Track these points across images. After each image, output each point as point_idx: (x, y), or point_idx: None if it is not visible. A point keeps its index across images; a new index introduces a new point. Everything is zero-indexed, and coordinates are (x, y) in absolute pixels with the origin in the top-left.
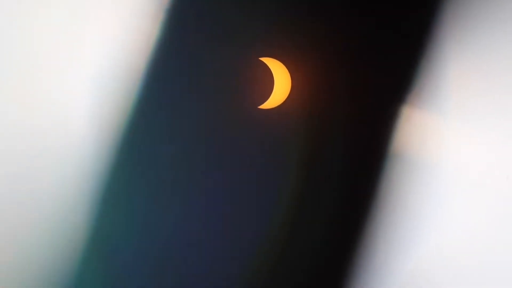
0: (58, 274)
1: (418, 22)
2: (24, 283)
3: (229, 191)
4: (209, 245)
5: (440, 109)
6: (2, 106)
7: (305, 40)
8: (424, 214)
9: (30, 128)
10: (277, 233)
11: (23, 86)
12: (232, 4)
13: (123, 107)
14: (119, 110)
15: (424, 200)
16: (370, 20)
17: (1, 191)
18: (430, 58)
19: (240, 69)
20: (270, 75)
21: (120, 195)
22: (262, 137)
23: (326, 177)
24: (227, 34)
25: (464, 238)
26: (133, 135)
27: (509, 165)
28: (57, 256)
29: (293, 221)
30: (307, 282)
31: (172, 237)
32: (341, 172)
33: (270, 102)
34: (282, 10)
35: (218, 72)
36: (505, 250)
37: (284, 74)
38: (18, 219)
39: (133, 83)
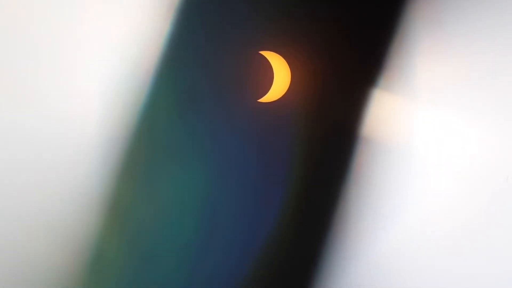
0: (66, 274)
1: (390, 7)
2: (30, 282)
3: (229, 184)
4: (210, 241)
5: (410, 92)
6: (12, 107)
7: (304, 34)
8: (394, 199)
9: (39, 128)
10: (277, 226)
11: (33, 86)
12: None
13: (133, 106)
14: (128, 109)
15: (394, 184)
16: (365, 16)
17: (12, 190)
18: (401, 40)
19: (240, 62)
20: (270, 68)
21: (128, 194)
22: (262, 130)
23: (324, 170)
24: (228, 28)
25: (432, 226)
26: (141, 134)
27: (476, 146)
28: (65, 256)
29: (291, 214)
30: (274, 269)
31: (177, 235)
32: (337, 165)
33: (270, 95)
34: (282, 4)
35: (219, 66)
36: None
37: (283, 67)
38: (27, 219)
39: (142, 80)
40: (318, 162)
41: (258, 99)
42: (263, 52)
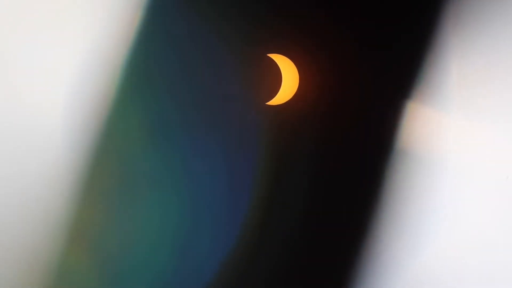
0: (41, 273)
1: (423, 19)
2: (8, 283)
3: (236, 187)
4: (207, 241)
5: (444, 106)
6: None
7: (313, 37)
8: (429, 212)
9: (10, 126)
10: (286, 227)
11: (2, 84)
12: (241, 0)
13: (104, 100)
14: (101, 105)
15: (429, 197)
16: (376, 17)
17: None
18: (435, 54)
19: (248, 65)
20: (278, 71)
21: (103, 193)
22: (270, 133)
23: (333, 173)
24: (236, 31)
25: (469, 237)
26: (123, 133)
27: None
28: (39, 255)
29: (300, 216)
30: (314, 281)
31: (165, 234)
32: (348, 169)
33: (278, 98)
34: (290, 6)
35: (227, 68)
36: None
37: (292, 70)
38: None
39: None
40: (326, 165)
41: (267, 102)
42: (271, 55)
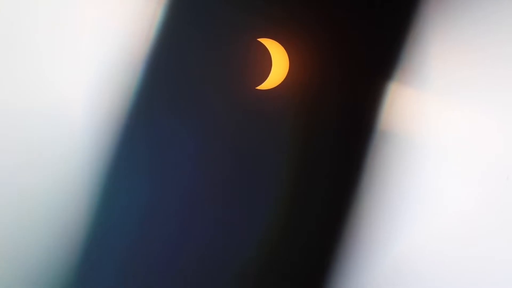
0: (56, 270)
1: (405, 3)
2: (22, 280)
3: (226, 172)
4: (209, 227)
5: (426, 86)
6: (2, 102)
7: (302, 22)
8: (411, 195)
9: (29, 119)
10: (271, 219)
11: (23, 81)
12: None
13: (124, 94)
14: (120, 98)
15: (410, 178)
16: (363, 2)
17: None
18: (416, 35)
19: (238, 50)
20: (268, 56)
21: (119, 190)
22: (260, 117)
23: (321, 158)
24: (225, 15)
25: (448, 221)
26: (134, 121)
27: (490, 134)
28: (55, 252)
29: (289, 204)
30: (291, 272)
31: (171, 225)
32: (335, 153)
33: (268, 83)
34: None
35: (217, 53)
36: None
37: (282, 55)
38: (16, 213)
39: (134, 70)
40: (314, 150)
41: (256, 86)
42: (261, 40)
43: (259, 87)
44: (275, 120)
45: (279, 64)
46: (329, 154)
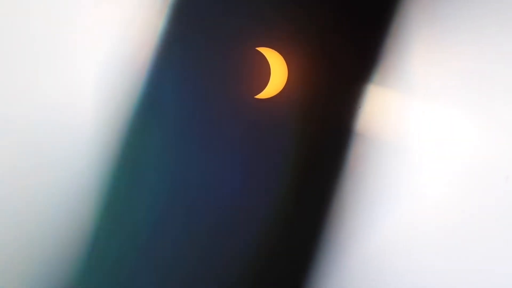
0: (61, 272)
1: (386, 3)
2: (27, 280)
3: (225, 180)
4: (207, 240)
5: (406, 88)
6: (6, 105)
7: (301, 30)
8: (389, 196)
9: (34, 126)
10: (269, 223)
11: (27, 84)
12: None
13: (127, 102)
14: (123, 104)
15: (389, 181)
16: (360, 11)
17: (6, 188)
18: (397, 36)
19: (237, 59)
20: (267, 65)
21: (123, 192)
22: (259, 127)
23: (320, 167)
24: (224, 24)
25: (430, 224)
26: (136, 129)
27: (473, 144)
28: (61, 254)
29: (285, 211)
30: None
31: (173, 230)
32: (332, 163)
33: (267, 92)
34: (279, 0)
35: (215, 62)
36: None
37: (280, 64)
38: (22, 216)
39: (137, 77)
40: (314, 159)
41: (255, 95)
42: (260, 49)
43: (258, 96)
44: (274, 129)
45: (278, 73)
46: (329, 160)
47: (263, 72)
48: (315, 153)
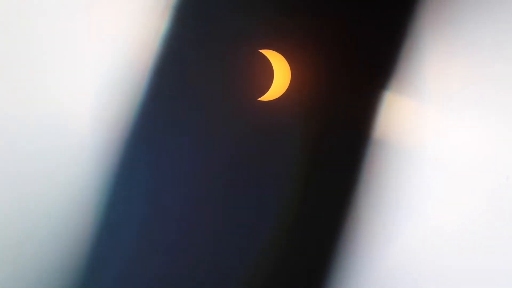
0: (63, 274)
1: (402, 12)
2: (29, 283)
3: (228, 183)
4: (208, 240)
5: (421, 96)
6: (7, 106)
7: (304, 33)
8: (406, 203)
9: (35, 127)
10: (276, 227)
11: (28, 85)
12: None
13: (129, 104)
14: (125, 107)
15: (405, 188)
16: (362, 13)
17: (6, 190)
18: (412, 46)
19: (240, 61)
20: (270, 67)
21: (124, 193)
22: (262, 129)
23: (325, 170)
24: (228, 27)
25: (447, 230)
26: (138, 132)
27: (483, 147)
28: (62, 256)
29: (293, 214)
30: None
31: (174, 234)
32: (337, 162)
33: (270, 94)
34: (282, 2)
35: (218, 64)
36: (491, 247)
37: (284, 66)
38: (22, 218)
39: (139, 79)
40: (318, 161)
41: (258, 97)
42: (263, 51)
43: (261, 98)
44: (277, 131)
45: (281, 75)
46: (332, 163)
47: (266, 75)
48: (319, 155)
